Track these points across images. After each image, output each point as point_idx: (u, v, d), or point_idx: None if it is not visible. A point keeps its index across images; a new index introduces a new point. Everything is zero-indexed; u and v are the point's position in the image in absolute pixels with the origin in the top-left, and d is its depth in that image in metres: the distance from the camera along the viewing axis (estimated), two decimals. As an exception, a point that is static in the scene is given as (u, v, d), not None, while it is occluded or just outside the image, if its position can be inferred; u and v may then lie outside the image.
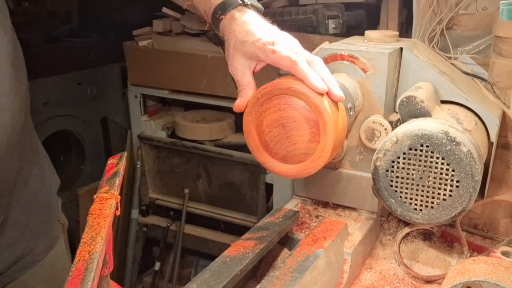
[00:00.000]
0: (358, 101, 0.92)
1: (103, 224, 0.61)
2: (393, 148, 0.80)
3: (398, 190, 0.82)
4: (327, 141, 0.77)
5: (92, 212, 0.64)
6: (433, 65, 0.96)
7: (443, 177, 0.78)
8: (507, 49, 1.02)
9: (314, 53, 0.98)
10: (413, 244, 1.04)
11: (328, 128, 0.76)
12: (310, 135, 0.79)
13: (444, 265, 0.97)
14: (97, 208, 0.64)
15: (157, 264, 2.37)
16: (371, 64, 0.92)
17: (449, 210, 0.79)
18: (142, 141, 2.34)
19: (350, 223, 0.98)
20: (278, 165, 0.83)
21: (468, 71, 1.12)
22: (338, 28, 1.84)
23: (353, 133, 0.96)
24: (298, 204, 1.07)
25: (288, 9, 1.92)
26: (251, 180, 2.11)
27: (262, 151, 0.84)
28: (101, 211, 0.64)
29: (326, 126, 0.77)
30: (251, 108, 0.81)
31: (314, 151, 0.79)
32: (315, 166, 0.80)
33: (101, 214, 0.63)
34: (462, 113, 0.91)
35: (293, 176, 0.84)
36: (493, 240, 1.04)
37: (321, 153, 0.79)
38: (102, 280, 0.62)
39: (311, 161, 0.80)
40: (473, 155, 0.76)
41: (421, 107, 0.85)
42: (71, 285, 0.52)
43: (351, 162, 0.99)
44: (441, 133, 0.77)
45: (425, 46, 1.13)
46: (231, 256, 0.81)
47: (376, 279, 0.93)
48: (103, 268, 0.60)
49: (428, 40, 1.21)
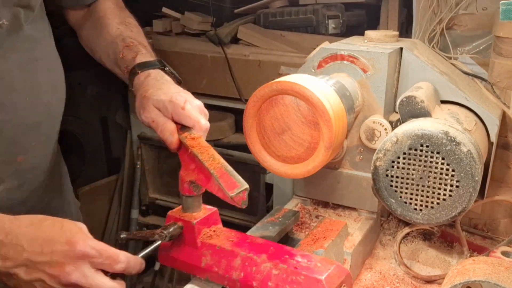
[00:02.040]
0: (358, 101, 0.92)
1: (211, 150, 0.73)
2: (393, 148, 0.80)
3: (398, 190, 0.82)
4: (327, 141, 0.77)
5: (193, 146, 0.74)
6: (433, 65, 0.96)
7: (443, 177, 0.78)
8: (507, 49, 1.02)
9: (314, 53, 0.98)
10: (413, 244, 1.04)
11: (328, 128, 0.76)
12: (310, 135, 0.79)
13: (444, 265, 0.97)
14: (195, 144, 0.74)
15: (157, 264, 2.37)
16: (371, 64, 0.92)
17: (449, 210, 0.79)
18: (142, 141, 2.34)
19: (350, 223, 0.98)
20: (278, 165, 0.83)
21: (468, 71, 1.12)
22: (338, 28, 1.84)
23: (353, 133, 0.96)
24: (298, 204, 1.07)
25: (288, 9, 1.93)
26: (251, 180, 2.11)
27: (262, 151, 0.84)
28: (199, 144, 0.74)
29: (326, 126, 0.77)
30: (252, 108, 0.81)
31: (314, 151, 0.79)
32: (315, 166, 0.80)
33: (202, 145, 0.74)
34: (462, 113, 0.91)
35: (293, 176, 0.84)
36: (493, 240, 1.04)
37: (321, 153, 0.79)
38: (194, 200, 0.76)
39: (311, 161, 0.80)
40: (473, 155, 0.76)
41: (421, 107, 0.85)
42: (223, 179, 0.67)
43: (351, 162, 0.99)
44: (441, 133, 0.77)
45: (425, 46, 1.13)
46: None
47: (376, 279, 0.93)
48: (196, 189, 0.74)
49: (428, 40, 1.21)
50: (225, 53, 1.95)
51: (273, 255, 0.71)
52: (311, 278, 0.66)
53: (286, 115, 0.80)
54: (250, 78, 1.92)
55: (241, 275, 0.71)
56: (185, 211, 0.77)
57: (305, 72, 0.97)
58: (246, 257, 0.71)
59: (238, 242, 0.75)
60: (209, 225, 0.77)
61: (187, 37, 2.14)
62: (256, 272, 0.70)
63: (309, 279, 0.66)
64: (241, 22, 2.02)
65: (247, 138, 0.84)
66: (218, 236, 0.76)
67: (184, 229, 0.76)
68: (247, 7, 2.07)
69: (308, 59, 0.99)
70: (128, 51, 0.97)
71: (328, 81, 0.87)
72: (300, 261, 0.70)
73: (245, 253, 0.72)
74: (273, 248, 0.73)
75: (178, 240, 0.77)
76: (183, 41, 2.10)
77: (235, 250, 0.73)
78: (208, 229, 0.77)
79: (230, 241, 0.75)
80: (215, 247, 0.74)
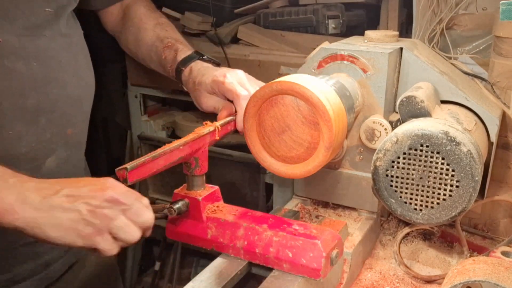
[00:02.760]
0: (358, 101, 0.92)
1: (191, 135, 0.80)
2: (393, 148, 0.80)
3: (398, 190, 0.82)
4: (327, 141, 0.77)
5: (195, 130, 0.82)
6: (433, 65, 0.96)
7: (443, 177, 0.78)
8: (507, 49, 1.02)
9: (314, 53, 0.98)
10: (413, 244, 1.04)
11: (328, 128, 0.76)
12: (310, 135, 0.79)
13: (444, 265, 0.97)
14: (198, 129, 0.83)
15: (157, 264, 2.37)
16: (371, 64, 0.92)
17: (449, 210, 0.79)
18: (142, 141, 2.34)
19: (350, 223, 0.98)
20: (278, 165, 0.83)
21: (468, 71, 1.12)
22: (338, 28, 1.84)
23: (353, 133, 0.96)
24: (298, 204, 1.07)
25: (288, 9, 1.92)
26: (251, 180, 2.11)
27: (262, 151, 0.84)
28: (198, 130, 0.82)
29: (326, 126, 0.77)
30: (252, 108, 0.81)
31: (314, 151, 0.79)
32: (315, 166, 0.80)
33: (197, 131, 0.82)
34: (462, 113, 0.91)
35: (293, 176, 0.84)
36: (493, 240, 1.04)
37: (321, 153, 0.79)
38: (197, 179, 0.83)
39: (311, 161, 0.80)
40: (473, 155, 0.76)
41: (421, 107, 0.85)
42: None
43: (351, 162, 0.99)
44: (441, 133, 0.77)
45: (425, 46, 1.13)
46: (231, 256, 0.81)
47: (376, 279, 0.93)
48: (195, 169, 0.82)
49: (428, 40, 1.21)
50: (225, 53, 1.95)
51: (273, 225, 0.79)
52: (308, 242, 0.74)
53: (286, 115, 0.80)
54: (250, 78, 1.92)
55: (245, 244, 0.78)
56: (190, 189, 0.84)
57: (305, 72, 0.97)
58: (248, 227, 0.79)
59: (240, 215, 0.82)
60: (212, 201, 0.85)
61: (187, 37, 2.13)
62: (258, 240, 0.77)
63: (307, 243, 0.74)
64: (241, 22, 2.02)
65: (247, 138, 0.84)
66: (221, 210, 0.83)
67: (190, 205, 0.83)
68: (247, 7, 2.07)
69: (308, 59, 0.99)
70: (168, 51, 1.06)
71: (328, 81, 0.87)
72: (297, 228, 0.78)
73: (247, 224, 0.79)
74: (272, 219, 0.81)
75: (184, 216, 0.84)
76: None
77: (238, 222, 0.80)
78: (211, 205, 0.84)
79: (232, 215, 0.82)
80: (219, 220, 0.81)
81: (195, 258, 2.44)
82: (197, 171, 0.82)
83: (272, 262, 0.76)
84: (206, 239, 0.82)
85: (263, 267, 0.78)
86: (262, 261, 0.77)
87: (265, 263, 0.77)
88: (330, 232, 0.77)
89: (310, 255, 0.73)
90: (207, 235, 0.82)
